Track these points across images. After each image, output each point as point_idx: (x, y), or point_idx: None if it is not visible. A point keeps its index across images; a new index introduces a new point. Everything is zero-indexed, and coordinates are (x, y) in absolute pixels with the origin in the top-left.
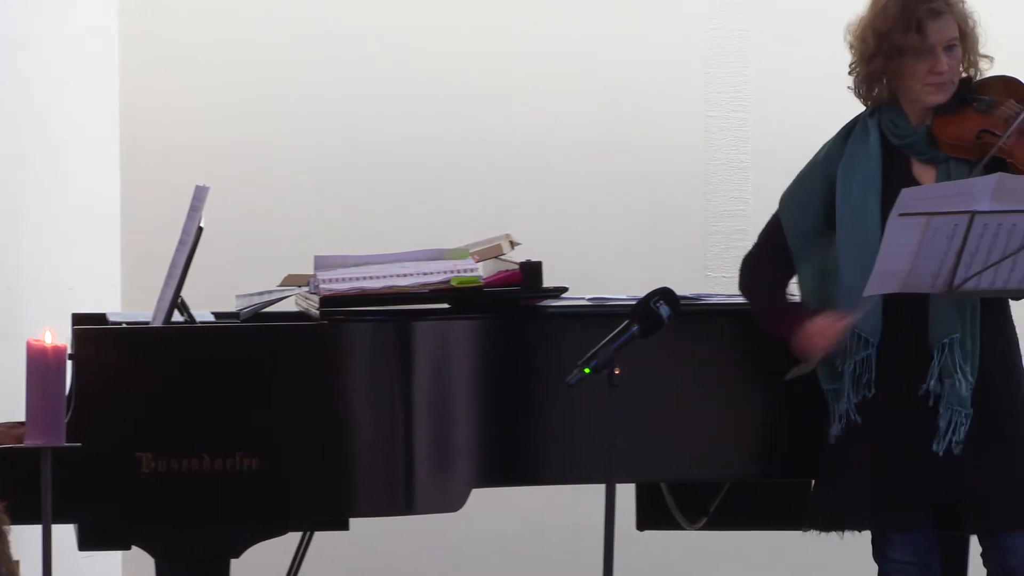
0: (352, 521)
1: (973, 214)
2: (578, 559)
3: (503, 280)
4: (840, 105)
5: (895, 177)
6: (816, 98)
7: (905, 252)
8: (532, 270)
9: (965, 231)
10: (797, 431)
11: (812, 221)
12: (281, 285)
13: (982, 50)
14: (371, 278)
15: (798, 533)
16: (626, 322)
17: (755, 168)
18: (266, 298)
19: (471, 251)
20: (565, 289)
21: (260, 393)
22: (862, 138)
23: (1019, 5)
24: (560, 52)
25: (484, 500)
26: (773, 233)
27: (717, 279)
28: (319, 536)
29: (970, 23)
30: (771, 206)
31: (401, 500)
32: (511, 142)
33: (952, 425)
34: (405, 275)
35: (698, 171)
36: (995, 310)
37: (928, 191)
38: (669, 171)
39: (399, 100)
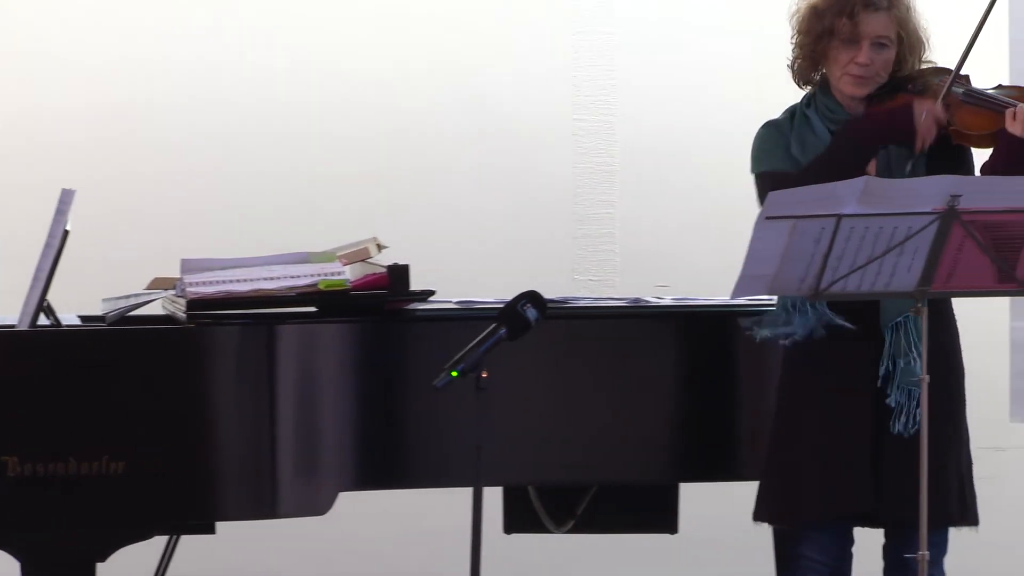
0: (219, 524)
1: (839, 217)
2: (445, 562)
3: (370, 283)
4: (707, 109)
5: None
6: (683, 102)
7: (772, 255)
8: (399, 273)
9: (832, 234)
10: (665, 434)
11: (790, 164)
12: (148, 288)
13: (928, 59)
14: (238, 281)
15: (665, 536)
16: (493, 325)
17: (623, 172)
18: (132, 301)
19: (338, 254)
20: (432, 292)
21: (126, 396)
22: (806, 125)
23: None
24: (427, 56)
25: (351, 503)
26: (766, 185)
27: (584, 282)
28: (185, 539)
29: (911, 26)
30: (638, 210)
31: (266, 504)
32: (378, 145)
33: (906, 405)
34: (272, 278)
35: (566, 175)
36: (936, 303)
37: (795, 194)
38: (537, 175)
39: (267, 100)
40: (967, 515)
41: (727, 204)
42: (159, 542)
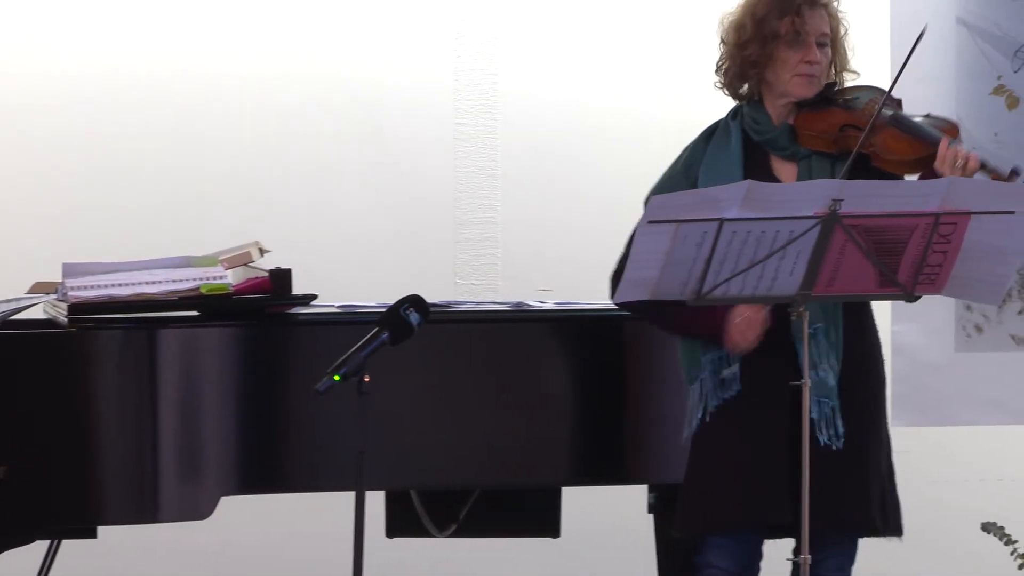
0: (100, 529)
1: (722, 221)
2: (328, 566)
3: (252, 287)
4: (589, 113)
5: (755, 174)
6: (565, 106)
7: (655, 260)
8: (281, 277)
9: (714, 238)
10: (549, 438)
11: None
12: (29, 292)
13: (850, 64)
14: (120, 285)
15: (548, 539)
16: (376, 329)
17: (504, 176)
18: (14, 305)
19: (220, 258)
20: (314, 296)
21: (7, 401)
22: (723, 139)
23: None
24: (308, 60)
25: (234, 507)
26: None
27: (466, 286)
28: (67, 544)
29: (841, 30)
30: (520, 214)
31: (148, 508)
32: (259, 149)
33: (824, 417)
34: (154, 282)
35: (447, 179)
36: (856, 310)
37: (677, 198)
38: (418, 179)
39: (146, 103)
40: (888, 524)
41: (609, 208)
42: (40, 546)
